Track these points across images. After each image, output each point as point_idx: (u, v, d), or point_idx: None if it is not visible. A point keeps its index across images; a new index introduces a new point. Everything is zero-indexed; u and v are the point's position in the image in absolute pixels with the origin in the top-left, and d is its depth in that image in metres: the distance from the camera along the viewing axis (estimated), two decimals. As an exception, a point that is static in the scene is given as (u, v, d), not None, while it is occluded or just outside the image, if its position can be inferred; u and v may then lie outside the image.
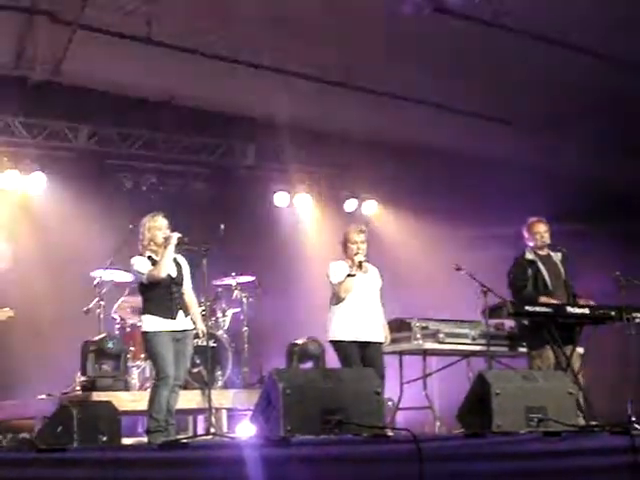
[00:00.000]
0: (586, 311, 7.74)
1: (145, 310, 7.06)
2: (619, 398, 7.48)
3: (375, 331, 7.42)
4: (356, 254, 7.44)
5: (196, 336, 7.30)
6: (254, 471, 4.43)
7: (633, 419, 6.54)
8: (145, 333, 7.00)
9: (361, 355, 7.32)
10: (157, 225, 7.08)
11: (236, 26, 8.75)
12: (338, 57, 9.25)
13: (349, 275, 7.37)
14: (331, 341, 7.44)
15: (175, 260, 7.11)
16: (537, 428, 5.60)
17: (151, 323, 6.95)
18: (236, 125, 11.20)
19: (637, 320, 7.73)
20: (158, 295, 6.99)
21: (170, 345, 6.91)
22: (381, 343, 7.48)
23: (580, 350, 8.02)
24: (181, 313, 7.04)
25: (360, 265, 7.43)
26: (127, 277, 8.66)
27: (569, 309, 7.71)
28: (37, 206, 10.45)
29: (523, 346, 8.27)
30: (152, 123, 10.95)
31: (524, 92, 9.91)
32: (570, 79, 9.57)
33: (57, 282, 9.87)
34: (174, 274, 7.05)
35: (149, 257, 7.03)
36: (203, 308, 8.81)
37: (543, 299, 7.80)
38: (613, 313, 7.69)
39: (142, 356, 8.59)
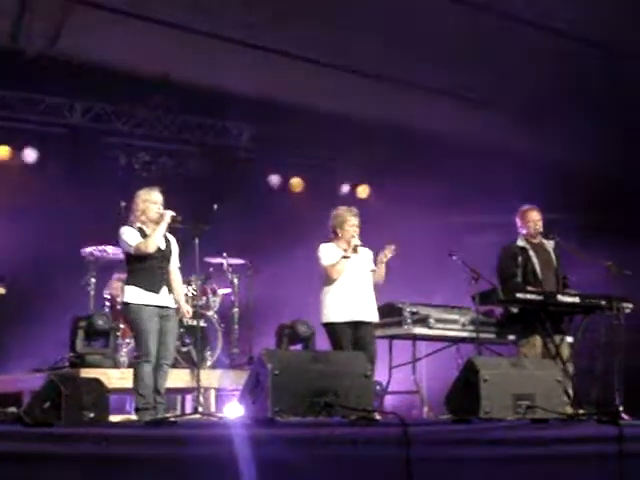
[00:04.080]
0: (576, 300, 7.75)
1: (129, 281, 6.99)
2: (607, 388, 7.51)
3: (368, 311, 7.46)
4: (352, 237, 7.46)
5: (180, 317, 7.25)
6: (241, 451, 4.44)
7: (620, 409, 6.56)
8: (127, 304, 6.93)
9: (354, 336, 7.34)
10: (152, 199, 7.05)
11: (234, 6, 8.71)
12: (336, 38, 9.20)
13: (344, 257, 7.39)
14: (324, 323, 7.46)
15: (165, 237, 7.08)
16: (525, 415, 5.60)
17: (134, 294, 6.89)
18: (231, 105, 11.16)
19: (627, 310, 7.75)
20: (143, 268, 6.94)
21: (153, 322, 6.85)
22: (373, 324, 7.50)
23: (569, 339, 8.04)
24: (165, 289, 6.98)
25: (355, 248, 7.45)
26: (118, 253, 8.63)
27: (559, 297, 7.71)
28: (29, 180, 10.41)
29: (511, 334, 8.28)
30: (147, 101, 10.91)
31: (521, 79, 9.89)
32: (570, 69, 9.56)
33: (48, 257, 9.85)
34: (162, 249, 7.02)
35: (139, 229, 7.00)
36: (194, 287, 8.80)
37: (530, 289, 7.78)
38: (603, 303, 7.70)
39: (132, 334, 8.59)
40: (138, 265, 6.97)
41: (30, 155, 10.35)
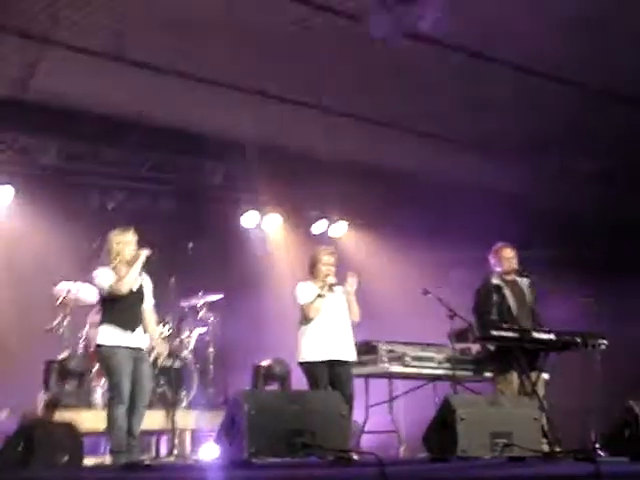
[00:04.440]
0: (552, 337, 7.77)
1: (103, 321, 6.95)
2: (584, 425, 7.51)
3: (345, 349, 7.46)
4: (327, 275, 7.47)
5: (154, 359, 7.18)
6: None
7: (597, 446, 6.56)
8: (100, 346, 6.88)
9: (330, 375, 7.32)
10: (126, 240, 7.03)
11: (203, 46, 8.73)
12: (305, 76, 9.24)
13: (319, 295, 7.39)
14: (300, 363, 7.44)
15: (140, 276, 7.05)
16: (502, 453, 5.59)
17: (108, 336, 6.84)
18: (205, 144, 11.17)
19: (602, 347, 7.78)
20: (117, 307, 6.90)
21: (127, 363, 6.80)
22: (351, 363, 7.49)
23: (545, 376, 8.05)
24: (140, 329, 6.95)
25: (331, 287, 7.46)
26: (92, 295, 8.58)
27: (534, 334, 7.74)
28: (3, 219, 10.34)
29: (489, 370, 8.29)
30: (121, 141, 10.89)
31: (497, 117, 9.98)
32: (543, 105, 9.65)
33: (22, 298, 9.77)
34: (136, 289, 6.99)
35: (114, 268, 6.97)
36: (169, 327, 8.76)
37: (505, 327, 7.80)
38: (578, 340, 7.72)
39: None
40: (112, 305, 6.94)
41: (5, 193, 10.27)
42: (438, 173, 11.31)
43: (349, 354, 7.50)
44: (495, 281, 8.08)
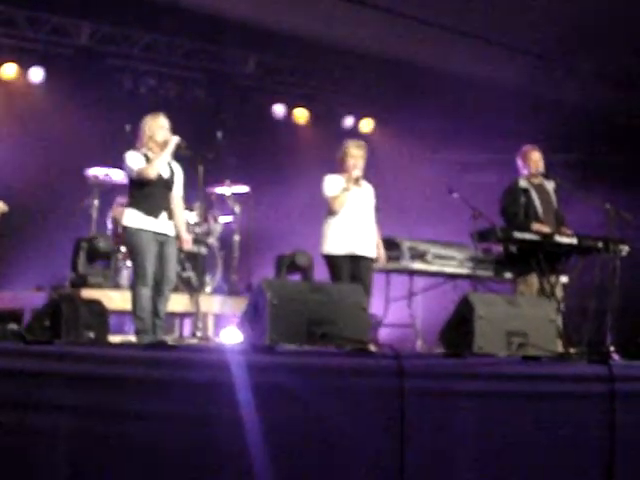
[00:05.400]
0: (574, 241, 7.81)
1: (129, 205, 7.04)
2: (599, 328, 7.60)
3: (368, 246, 7.51)
4: (354, 168, 7.49)
5: (179, 246, 7.28)
6: (238, 376, 4.52)
7: (611, 349, 6.66)
8: (126, 228, 6.99)
9: (351, 270, 7.41)
10: (158, 124, 7.07)
11: None
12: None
13: (344, 189, 7.42)
14: (323, 255, 7.52)
15: (169, 164, 7.11)
16: (517, 352, 5.69)
17: (133, 218, 6.94)
18: (238, 33, 11.09)
19: (623, 253, 7.81)
20: (144, 192, 6.96)
21: (151, 245, 6.89)
22: (372, 259, 7.56)
23: (564, 279, 8.13)
24: (165, 215, 7.01)
25: (357, 180, 7.49)
26: (122, 177, 8.67)
27: (557, 238, 7.77)
28: (35, 100, 10.39)
29: (509, 272, 8.36)
30: (155, 25, 10.84)
31: (528, 18, 9.82)
32: (575, 9, 9.48)
33: (52, 177, 9.89)
34: (166, 176, 7.05)
35: (144, 154, 7.03)
36: (196, 214, 8.86)
37: (536, 226, 7.88)
38: (600, 244, 7.76)
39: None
40: (140, 190, 7.00)
41: (37, 74, 10.31)
42: (465, 71, 11.17)
43: (371, 251, 7.56)
44: (522, 183, 8.09)
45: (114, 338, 7.32)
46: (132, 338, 7.19)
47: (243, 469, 4.45)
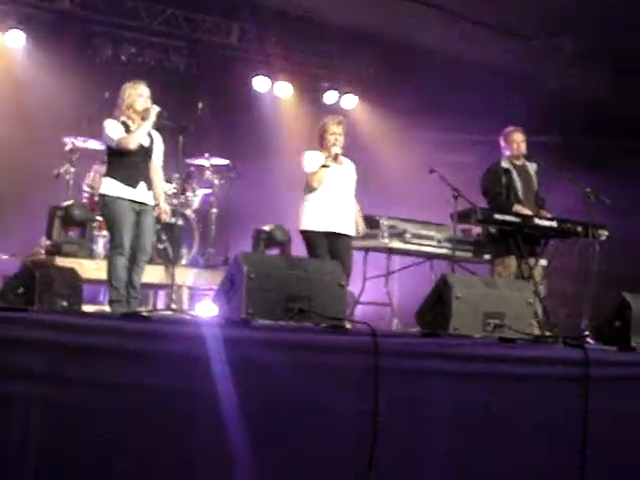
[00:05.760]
0: (553, 224, 7.81)
1: (107, 173, 6.99)
2: (576, 313, 7.61)
3: (346, 223, 7.46)
4: (333, 145, 7.43)
5: (158, 216, 7.22)
6: (213, 349, 4.49)
7: (587, 333, 6.65)
8: (103, 196, 6.93)
9: (330, 247, 7.37)
10: (138, 92, 6.99)
11: None
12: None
13: (323, 166, 7.36)
14: (301, 231, 7.48)
15: (149, 133, 7.03)
16: (493, 333, 5.67)
17: (110, 186, 6.88)
18: (222, 2, 10.98)
19: (602, 237, 7.82)
20: (123, 161, 6.91)
21: (128, 215, 6.85)
22: (351, 236, 7.52)
23: (543, 262, 8.13)
24: (143, 185, 6.96)
25: (336, 157, 7.42)
26: (100, 145, 8.58)
27: (537, 221, 7.76)
28: (14, 65, 10.25)
29: (488, 253, 8.36)
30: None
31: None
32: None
33: (29, 142, 9.76)
34: (145, 145, 6.98)
35: (123, 122, 6.94)
36: (174, 185, 8.78)
37: (517, 208, 7.86)
38: (579, 229, 7.75)
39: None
40: (118, 158, 6.94)
41: (16, 39, 10.15)
42: (449, 49, 11.10)
43: (349, 228, 7.52)
44: (504, 164, 8.08)
45: (88, 307, 7.25)
46: (106, 308, 7.14)
47: (218, 442, 4.42)
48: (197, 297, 9.01)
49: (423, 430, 4.99)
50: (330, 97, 12.11)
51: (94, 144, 8.93)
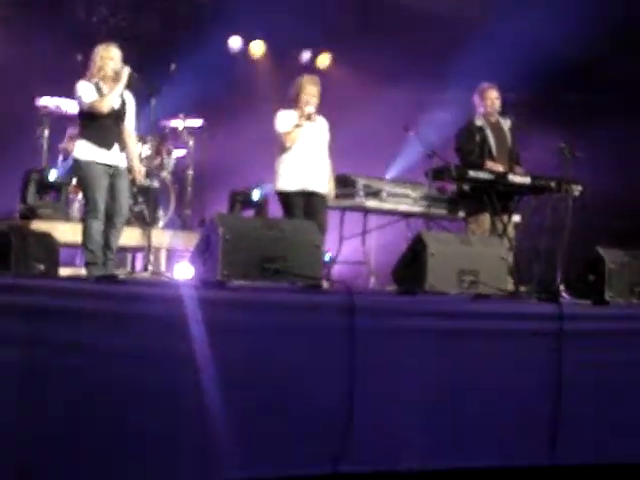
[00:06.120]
0: (527, 181, 7.84)
1: (80, 136, 6.96)
2: (550, 268, 7.67)
3: (320, 182, 7.47)
4: (307, 104, 7.42)
5: (132, 178, 7.21)
6: (190, 310, 4.52)
7: (561, 288, 6.71)
8: (77, 160, 6.92)
9: (305, 206, 7.38)
10: (110, 55, 6.94)
11: None
12: None
13: (296, 125, 7.36)
14: (276, 192, 7.48)
15: (121, 95, 7.00)
16: (468, 290, 5.72)
17: (84, 150, 6.86)
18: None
19: (576, 193, 7.86)
20: (96, 124, 6.88)
21: (103, 178, 6.84)
22: (325, 195, 7.53)
23: (516, 218, 8.18)
24: (117, 147, 6.94)
25: (309, 116, 7.41)
26: (74, 107, 8.52)
27: (510, 177, 7.79)
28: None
29: (462, 210, 8.40)
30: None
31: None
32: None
33: (1, 107, 9.68)
34: (117, 107, 6.95)
35: (96, 84, 6.91)
36: (149, 147, 8.75)
37: (489, 164, 7.89)
38: (553, 184, 7.79)
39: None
40: (90, 121, 6.91)
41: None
42: (423, 7, 11.05)
43: (323, 187, 7.52)
44: (478, 121, 8.09)
45: (64, 271, 7.24)
46: (82, 271, 7.13)
47: (196, 402, 4.47)
48: (175, 259, 9.02)
49: (399, 387, 5.05)
50: (305, 56, 12.05)
51: (68, 107, 8.87)
